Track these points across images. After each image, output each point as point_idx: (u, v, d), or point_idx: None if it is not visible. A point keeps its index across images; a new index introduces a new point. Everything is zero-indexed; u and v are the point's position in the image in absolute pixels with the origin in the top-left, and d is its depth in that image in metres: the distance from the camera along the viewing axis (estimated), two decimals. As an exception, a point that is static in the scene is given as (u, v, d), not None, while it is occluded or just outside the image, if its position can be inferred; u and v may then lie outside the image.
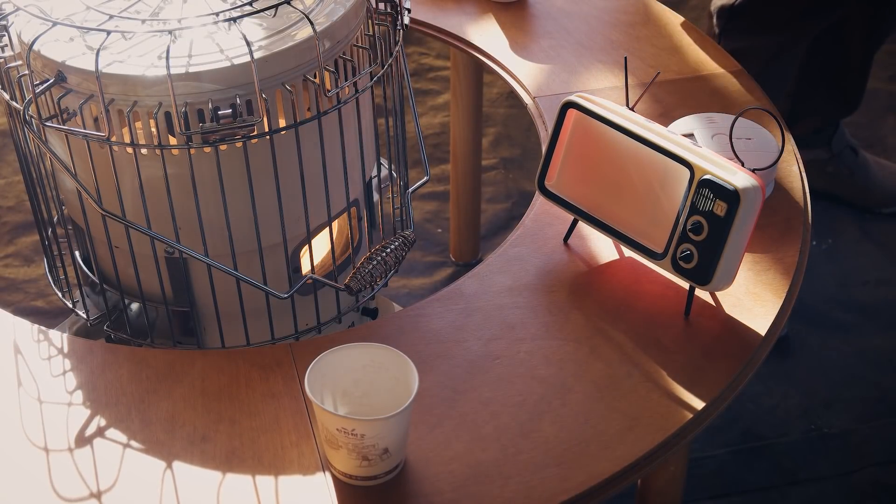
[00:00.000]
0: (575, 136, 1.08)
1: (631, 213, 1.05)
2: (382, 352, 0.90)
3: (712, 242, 0.98)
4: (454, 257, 2.13)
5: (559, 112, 1.08)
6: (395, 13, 1.14)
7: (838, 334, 1.91)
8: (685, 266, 1.00)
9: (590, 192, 1.08)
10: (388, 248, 1.10)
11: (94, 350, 1.04)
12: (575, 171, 1.09)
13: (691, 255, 0.99)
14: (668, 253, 1.01)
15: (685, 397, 0.96)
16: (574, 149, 1.08)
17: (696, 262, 0.99)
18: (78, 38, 1.03)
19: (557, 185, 1.10)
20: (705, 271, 0.98)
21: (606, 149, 1.06)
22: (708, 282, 0.99)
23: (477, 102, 1.90)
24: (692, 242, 0.99)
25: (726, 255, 0.97)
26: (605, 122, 1.05)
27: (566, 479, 0.89)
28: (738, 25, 1.72)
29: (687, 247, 0.99)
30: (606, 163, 1.06)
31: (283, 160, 1.04)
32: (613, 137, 1.05)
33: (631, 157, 1.04)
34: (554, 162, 1.10)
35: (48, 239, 1.18)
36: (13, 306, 2.00)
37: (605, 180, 1.06)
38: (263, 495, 0.89)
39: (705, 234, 0.98)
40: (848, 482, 1.67)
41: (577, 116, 1.08)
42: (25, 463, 0.92)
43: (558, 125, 1.09)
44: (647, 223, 1.04)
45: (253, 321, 1.12)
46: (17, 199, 2.27)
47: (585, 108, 1.07)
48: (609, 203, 1.06)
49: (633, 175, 1.04)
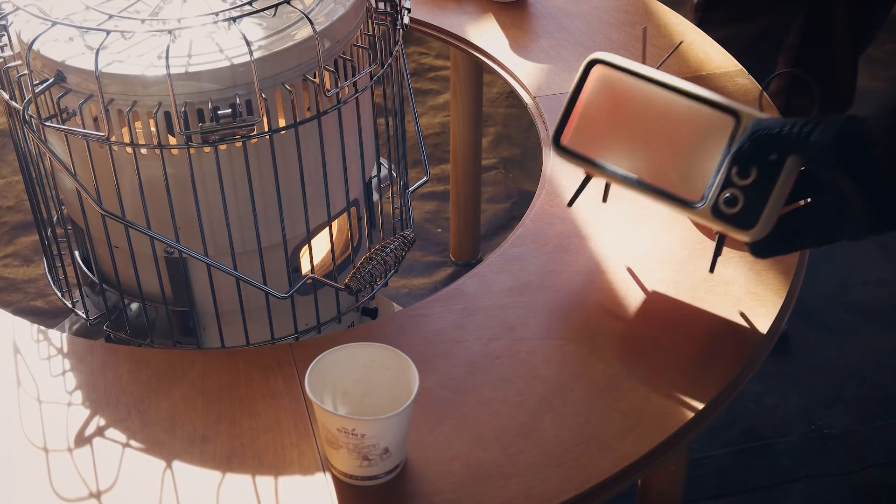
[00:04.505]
0: (598, 93, 1.07)
1: (661, 166, 1.04)
2: (382, 352, 0.90)
3: (762, 184, 0.97)
4: (454, 257, 2.13)
5: (583, 69, 1.08)
6: (395, 13, 1.14)
7: (838, 334, 1.91)
8: (728, 210, 0.99)
9: (612, 148, 1.06)
10: (388, 248, 1.10)
11: (93, 350, 1.04)
12: (596, 128, 1.07)
13: (735, 199, 0.98)
14: (706, 200, 1.00)
15: (685, 397, 0.96)
16: (596, 105, 1.07)
17: (741, 205, 0.98)
18: (77, 38, 1.03)
19: (574, 142, 1.09)
20: (752, 214, 0.97)
21: (634, 103, 1.05)
22: (753, 225, 0.97)
23: (477, 102, 1.90)
24: (737, 187, 0.98)
25: (773, 198, 0.96)
26: (638, 77, 1.05)
27: (566, 479, 0.89)
28: (716, 15, 1.77)
29: (731, 191, 0.98)
30: (634, 117, 1.05)
31: (282, 160, 1.04)
32: (642, 92, 1.04)
33: (662, 110, 1.03)
34: (571, 119, 1.09)
35: (48, 239, 1.18)
36: (13, 306, 2.00)
37: (632, 135, 1.05)
38: (263, 495, 0.89)
39: (753, 177, 0.97)
40: (848, 482, 1.67)
41: (602, 73, 1.07)
42: (25, 463, 0.92)
43: (580, 83, 1.08)
44: (680, 175, 1.02)
45: (253, 321, 1.12)
46: (16, 199, 2.27)
47: (614, 64, 1.06)
48: (635, 157, 1.05)
49: (665, 128, 1.03)
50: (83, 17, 1.04)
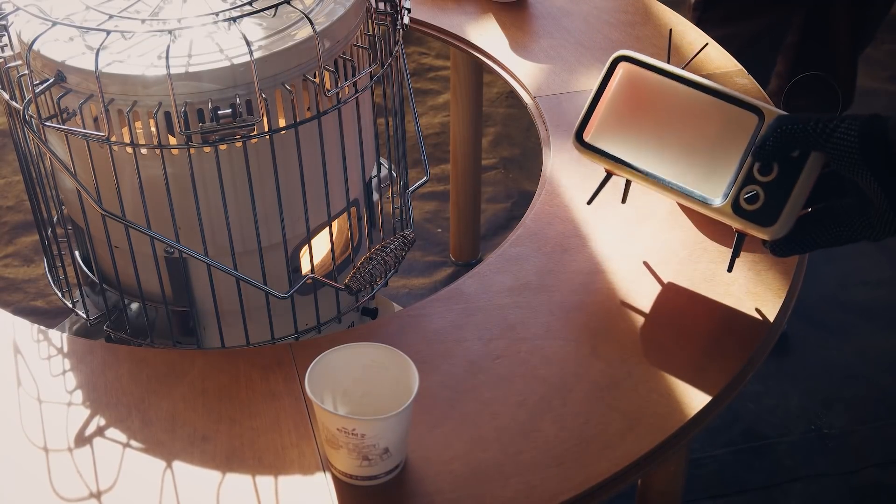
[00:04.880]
0: (622, 90, 1.07)
1: (683, 164, 1.04)
2: (382, 352, 0.90)
3: (783, 181, 0.97)
4: (454, 257, 2.13)
5: (608, 66, 1.08)
6: (395, 13, 1.14)
7: (838, 334, 1.91)
8: (748, 208, 0.99)
9: (634, 145, 1.07)
10: (388, 248, 1.10)
11: (94, 350, 1.04)
12: (618, 124, 1.08)
13: (756, 196, 0.98)
14: (727, 198, 1.00)
15: (685, 397, 0.96)
16: (620, 102, 1.08)
17: (762, 202, 0.98)
18: (78, 38, 1.03)
19: (596, 139, 1.09)
20: (772, 211, 0.97)
21: (659, 100, 1.05)
22: (774, 222, 0.98)
23: (477, 102, 1.90)
24: (759, 183, 0.98)
25: (794, 195, 0.96)
26: (664, 75, 1.05)
27: (566, 479, 0.89)
28: (715, 14, 1.78)
29: (752, 188, 0.98)
30: (658, 115, 1.05)
31: (282, 160, 1.04)
32: (667, 89, 1.05)
33: (686, 107, 1.04)
34: (594, 116, 1.09)
35: (48, 239, 1.18)
36: (13, 306, 2.00)
37: (655, 132, 1.06)
38: (263, 495, 0.89)
39: (775, 174, 0.97)
40: (848, 482, 1.67)
41: (628, 70, 1.07)
42: (25, 463, 0.92)
43: (605, 79, 1.08)
44: (702, 173, 1.03)
45: (253, 321, 1.12)
46: (17, 199, 2.27)
47: (641, 62, 1.07)
48: (657, 154, 1.06)
49: (688, 125, 1.04)
50: (83, 17, 1.04)
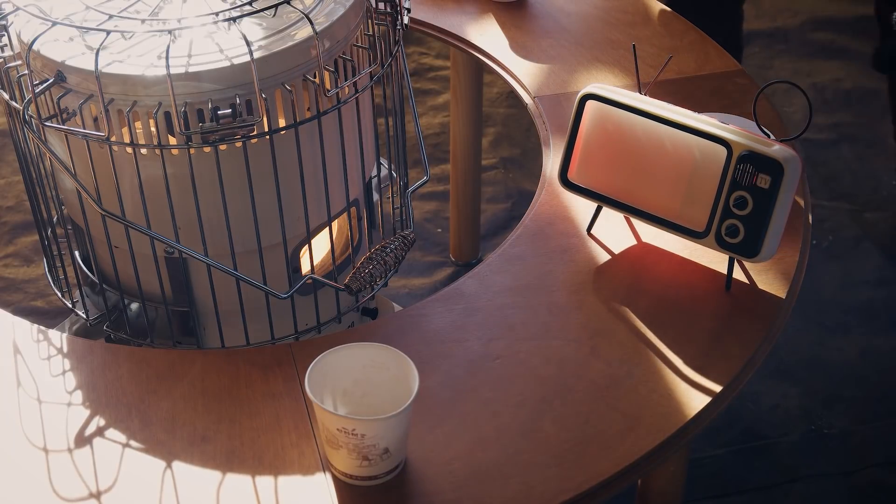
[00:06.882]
0: (595, 127, 1.08)
1: (663, 196, 1.05)
2: (382, 352, 0.90)
3: (758, 215, 0.99)
4: (454, 257, 2.13)
5: (577, 105, 1.08)
6: (395, 13, 1.14)
7: (838, 334, 1.91)
8: (731, 241, 1.01)
9: (616, 180, 1.08)
10: (388, 248, 1.10)
11: (93, 350, 1.04)
12: (598, 161, 1.09)
13: (737, 230, 1.00)
14: (710, 230, 1.02)
15: (685, 397, 0.96)
16: (595, 139, 1.08)
17: (742, 236, 1.00)
18: (77, 38, 1.03)
19: (580, 177, 1.10)
20: (753, 244, 1.00)
21: (630, 135, 1.06)
22: (756, 253, 1.00)
23: (477, 102, 1.90)
24: (737, 217, 1.00)
25: (773, 225, 0.99)
26: (628, 110, 1.05)
27: (566, 479, 0.89)
28: None
29: (731, 222, 1.00)
30: (632, 149, 1.06)
31: (282, 160, 1.04)
32: (637, 123, 1.05)
33: (658, 141, 1.04)
34: (574, 154, 1.10)
35: (48, 239, 1.18)
36: (13, 306, 2.00)
37: (632, 166, 1.07)
38: (263, 495, 0.89)
39: (750, 207, 0.99)
40: (848, 482, 1.67)
41: (596, 107, 1.08)
42: (25, 463, 0.92)
43: (577, 118, 1.09)
44: (682, 204, 1.04)
45: (253, 321, 1.12)
46: (16, 199, 2.27)
47: (606, 98, 1.07)
48: (638, 188, 1.07)
49: (662, 158, 1.04)
50: (83, 17, 1.04)
